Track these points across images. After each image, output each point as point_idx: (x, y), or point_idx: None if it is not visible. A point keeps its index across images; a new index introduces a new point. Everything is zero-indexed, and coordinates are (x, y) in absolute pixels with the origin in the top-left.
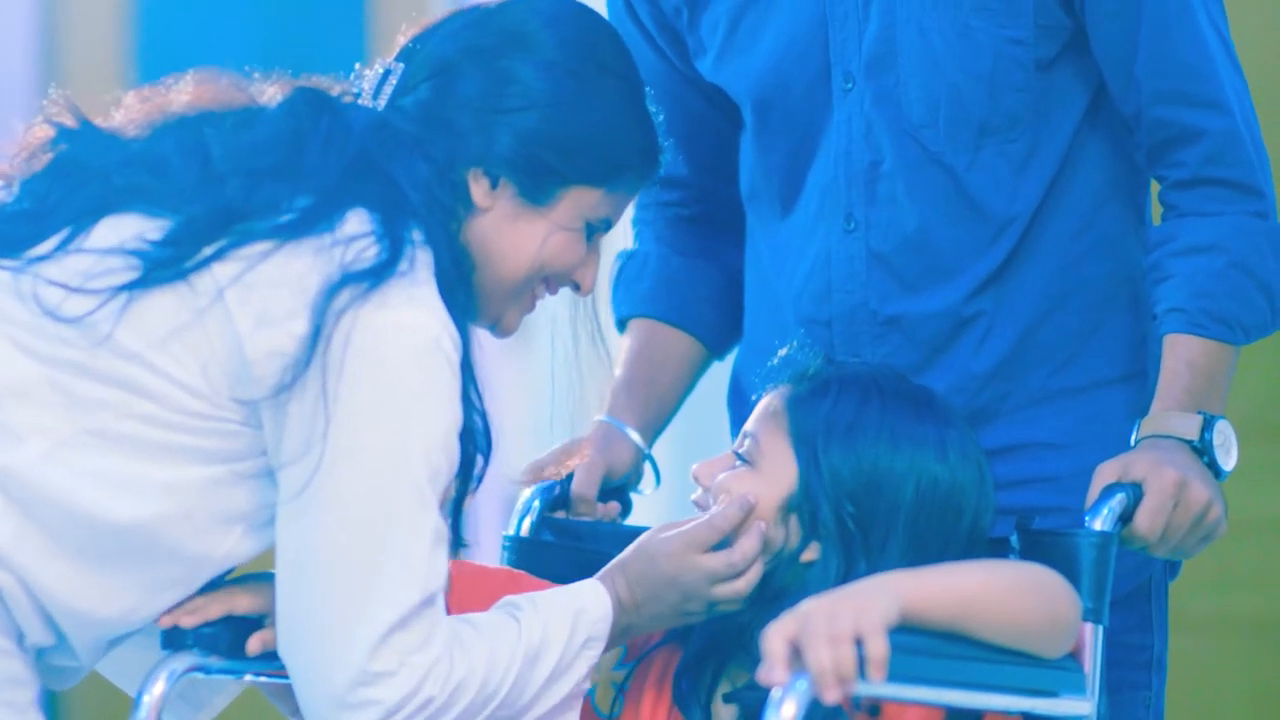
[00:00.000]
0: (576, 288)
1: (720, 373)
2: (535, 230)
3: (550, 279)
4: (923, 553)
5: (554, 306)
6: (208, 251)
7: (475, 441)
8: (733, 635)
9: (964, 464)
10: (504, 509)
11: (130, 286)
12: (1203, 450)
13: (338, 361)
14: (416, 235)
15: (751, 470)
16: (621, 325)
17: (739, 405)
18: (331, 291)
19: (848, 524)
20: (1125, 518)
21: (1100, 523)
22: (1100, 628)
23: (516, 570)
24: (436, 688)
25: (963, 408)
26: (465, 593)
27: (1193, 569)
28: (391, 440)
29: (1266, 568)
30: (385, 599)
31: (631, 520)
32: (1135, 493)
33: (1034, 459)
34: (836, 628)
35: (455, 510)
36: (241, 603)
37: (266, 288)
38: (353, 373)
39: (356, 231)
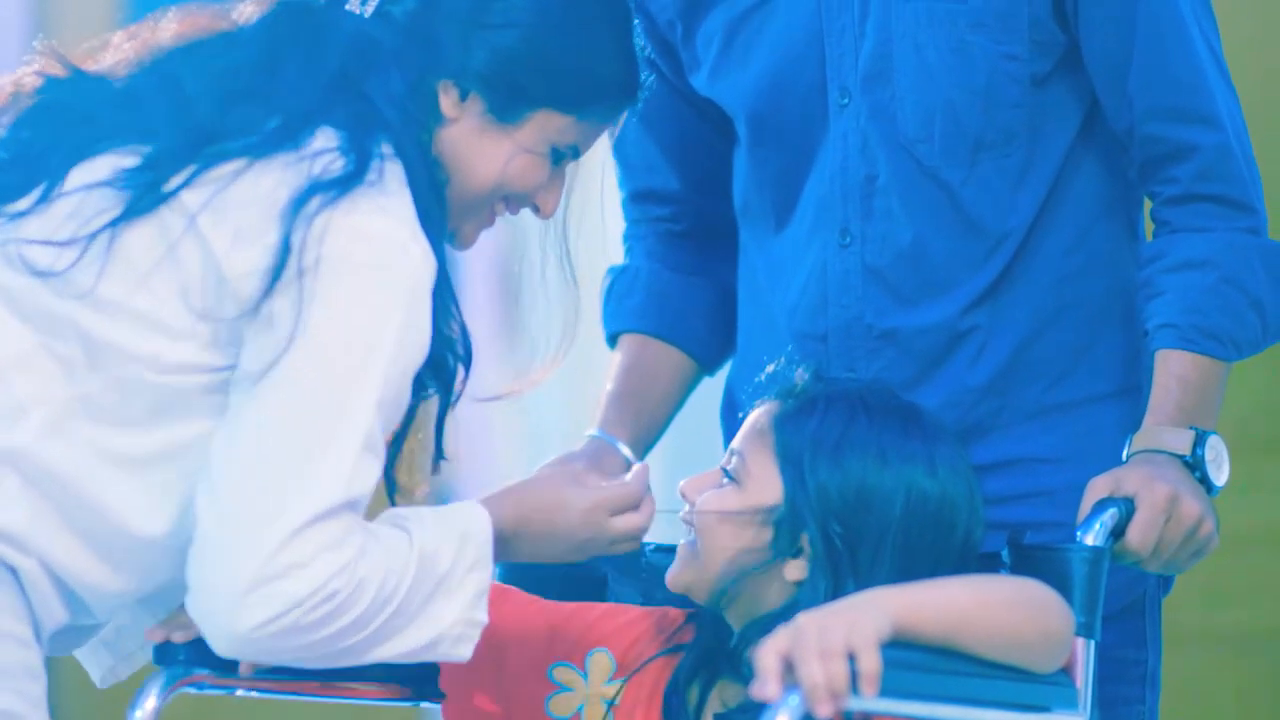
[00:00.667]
0: (537, 210)
1: (713, 387)
2: (500, 148)
3: (511, 199)
4: (913, 569)
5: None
6: (182, 177)
7: (454, 352)
8: (723, 652)
9: (954, 479)
10: None
11: (112, 224)
12: (1195, 465)
13: (311, 263)
14: (386, 149)
15: (737, 488)
16: (612, 340)
17: (731, 420)
18: (300, 201)
19: (835, 543)
20: (1117, 533)
21: (1092, 538)
22: (1092, 642)
23: (505, 585)
24: (342, 583)
25: (957, 422)
26: None
27: (1182, 582)
28: (353, 340)
29: (1255, 581)
30: (312, 490)
31: None
32: (1127, 507)
33: (1028, 474)
34: (828, 642)
35: (439, 426)
36: None
37: (238, 208)
38: (322, 274)
39: (323, 147)
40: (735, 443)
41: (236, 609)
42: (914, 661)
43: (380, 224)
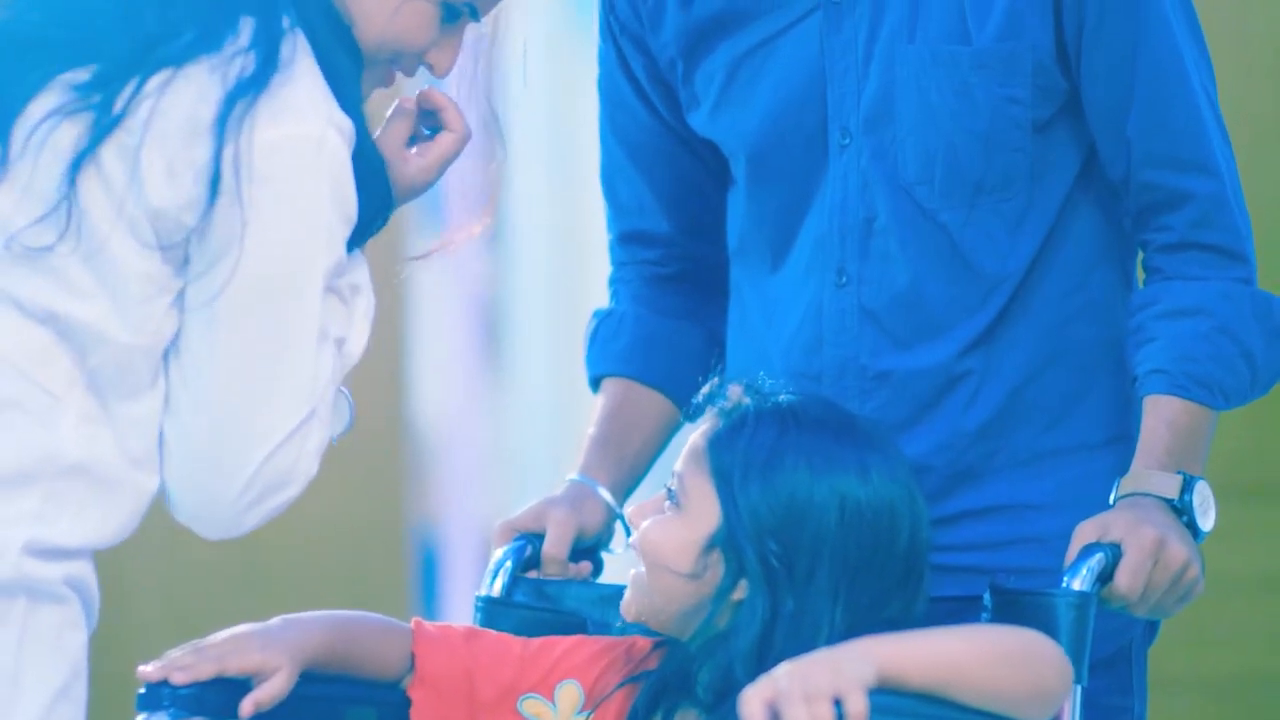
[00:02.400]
0: (431, 69)
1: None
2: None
3: (402, 58)
4: (855, 580)
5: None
6: (126, 95)
7: (377, 188)
8: (679, 678)
9: (889, 483)
10: (478, 567)
11: (74, 165)
12: (1182, 510)
13: (245, 180)
14: (286, 20)
15: (678, 513)
16: (595, 384)
17: None
18: (222, 119)
19: (771, 561)
20: (1104, 578)
21: (1079, 583)
22: (1079, 688)
23: (478, 628)
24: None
25: (949, 465)
26: (426, 655)
27: (1167, 627)
28: (291, 247)
29: (1240, 626)
30: (288, 399)
31: (603, 579)
32: (1114, 553)
33: (1019, 520)
34: (814, 686)
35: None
36: (232, 664)
37: (168, 137)
38: (255, 188)
39: (237, 48)
40: (676, 465)
41: (238, 516)
42: (899, 707)
43: (295, 127)
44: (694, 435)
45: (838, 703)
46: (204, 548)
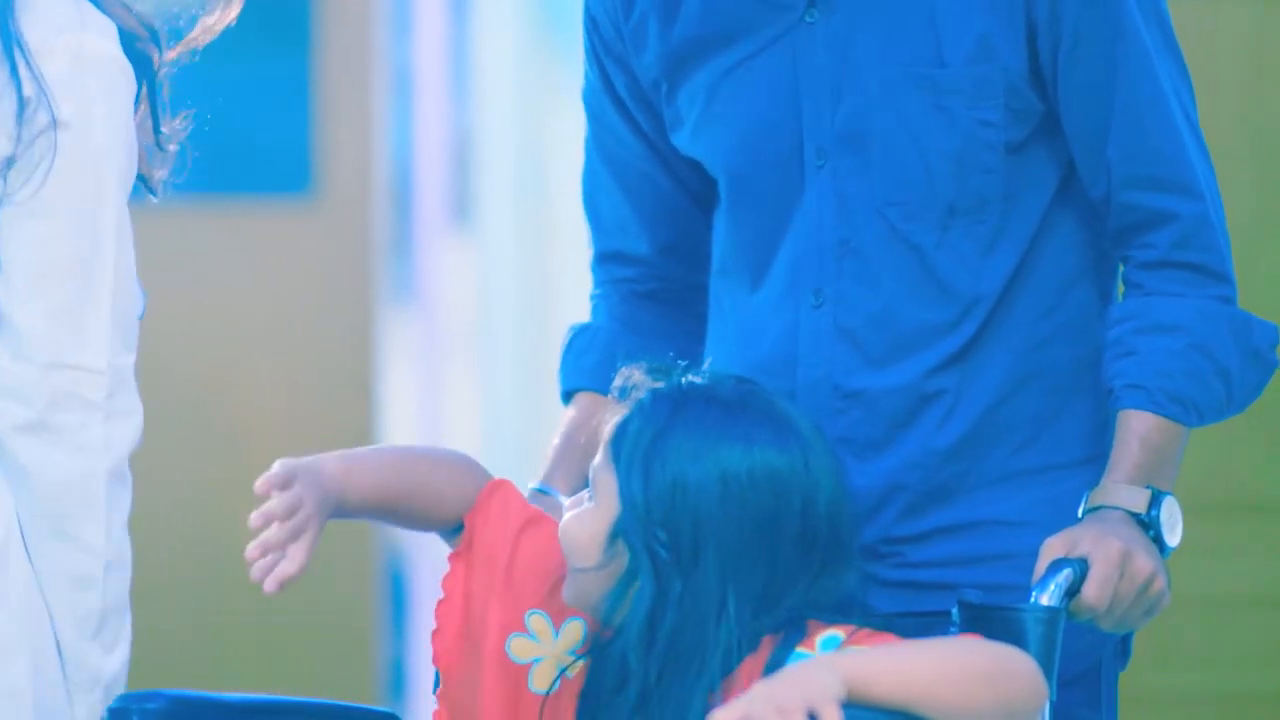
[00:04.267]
0: None
1: None
2: None
3: None
4: (744, 557)
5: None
6: None
7: (149, 43)
8: (616, 662)
9: (776, 453)
10: None
11: None
12: (1149, 524)
13: (43, 93)
14: None
15: (590, 505)
16: (566, 397)
17: None
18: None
19: (656, 548)
20: (1071, 592)
21: (1047, 598)
22: (1048, 703)
23: (538, 514)
24: None
25: (922, 484)
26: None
27: (1136, 645)
28: (99, 144)
29: (1208, 644)
30: (96, 337)
31: None
32: (1082, 567)
33: (990, 536)
34: (784, 701)
35: (153, 105)
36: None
37: None
38: (54, 97)
39: None
40: (596, 456)
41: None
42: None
43: (79, 45)
44: (606, 425)
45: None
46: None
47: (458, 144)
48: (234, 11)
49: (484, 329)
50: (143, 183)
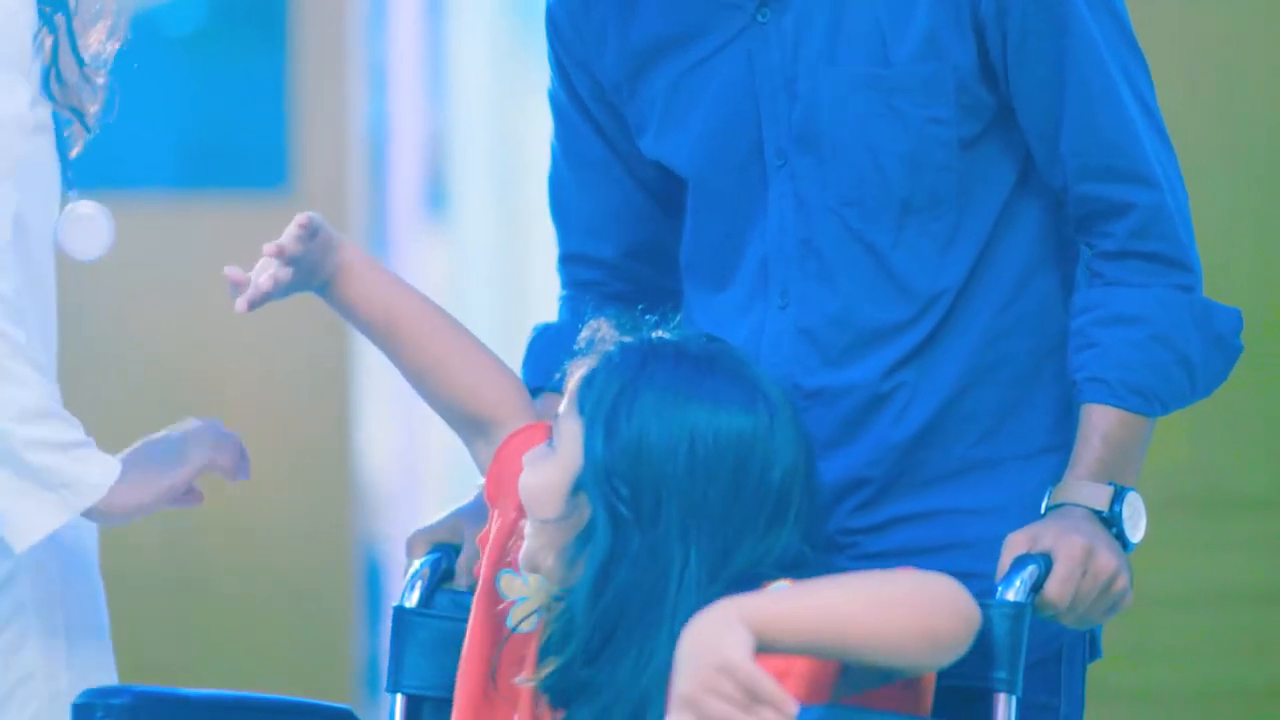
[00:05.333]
0: None
1: None
2: None
3: None
4: (707, 516)
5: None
6: None
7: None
8: (565, 618)
9: (744, 414)
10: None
11: None
12: (1111, 521)
13: None
14: None
15: (553, 456)
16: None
17: None
18: None
19: (616, 503)
20: (1036, 588)
21: (1013, 593)
22: (1014, 698)
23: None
24: None
25: (883, 477)
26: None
27: (1110, 642)
28: None
29: (1182, 640)
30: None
31: None
32: (1047, 563)
33: (950, 525)
34: (710, 680)
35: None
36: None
37: None
38: None
39: None
40: (559, 407)
41: None
42: (836, 717)
43: None
44: (571, 371)
45: None
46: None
47: (433, 139)
48: None
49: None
50: (78, 118)
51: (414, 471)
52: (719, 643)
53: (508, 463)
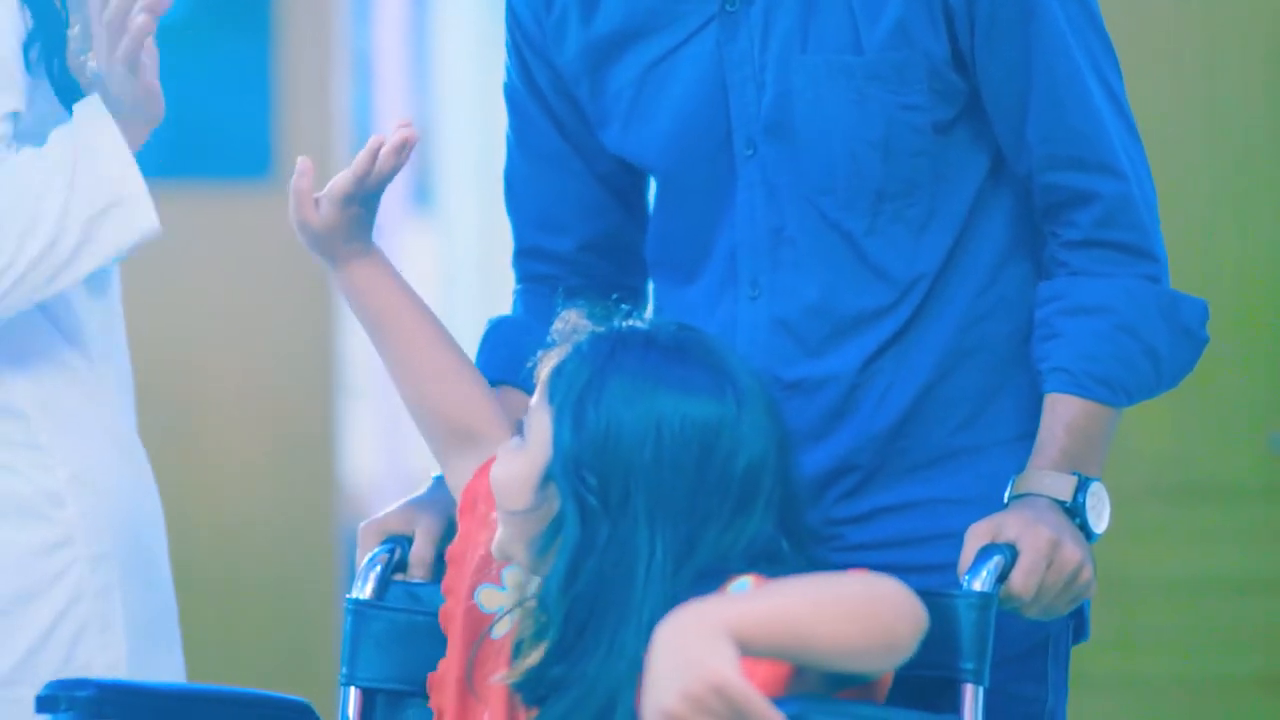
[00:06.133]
0: None
1: None
2: None
3: None
4: (674, 505)
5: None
6: None
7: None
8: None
9: (712, 399)
10: None
11: None
12: (1075, 512)
13: None
14: None
15: (524, 448)
16: None
17: None
18: None
19: (584, 493)
20: (1001, 579)
21: (980, 583)
22: (981, 689)
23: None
24: None
25: (866, 466)
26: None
27: (1095, 629)
28: None
29: (1167, 628)
30: None
31: None
32: (1012, 553)
33: (932, 515)
34: (694, 690)
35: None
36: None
37: None
38: None
39: None
40: (531, 399)
41: None
42: (808, 710)
43: None
44: (543, 368)
45: None
46: None
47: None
48: None
49: (444, 312)
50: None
51: (397, 464)
52: (706, 657)
53: (481, 494)
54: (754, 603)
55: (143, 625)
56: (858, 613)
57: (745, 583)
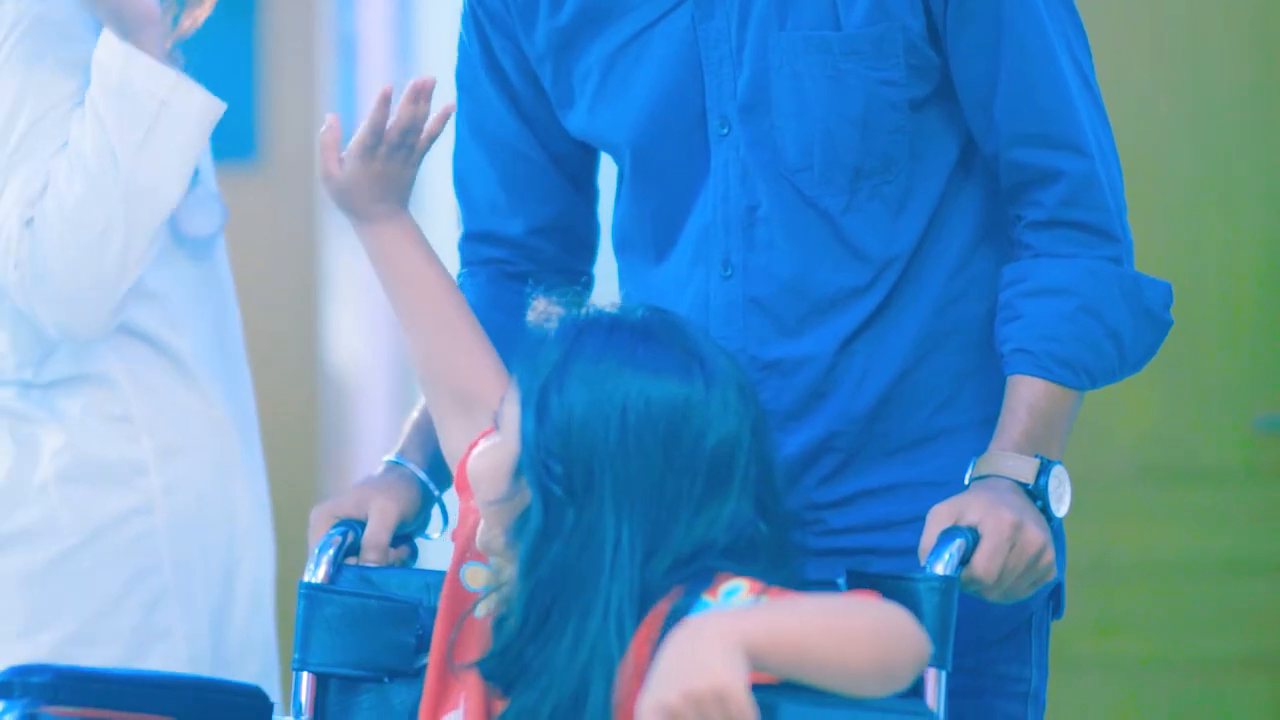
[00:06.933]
0: None
1: None
2: None
3: None
4: (641, 490)
5: None
6: None
7: None
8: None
9: (679, 380)
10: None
11: None
12: (1036, 494)
13: None
14: None
15: (498, 438)
16: None
17: None
18: None
19: (549, 485)
20: (963, 562)
21: (942, 566)
22: (944, 673)
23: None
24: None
25: (845, 449)
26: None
27: (1079, 611)
28: None
29: (1151, 610)
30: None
31: (418, 565)
32: (974, 536)
33: (914, 498)
34: (697, 690)
35: None
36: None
37: None
38: None
39: None
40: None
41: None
42: (780, 690)
43: None
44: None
45: None
46: None
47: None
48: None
49: None
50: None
51: (383, 444)
52: (717, 664)
53: None
54: (772, 621)
55: (228, 627)
56: (869, 643)
57: (739, 586)
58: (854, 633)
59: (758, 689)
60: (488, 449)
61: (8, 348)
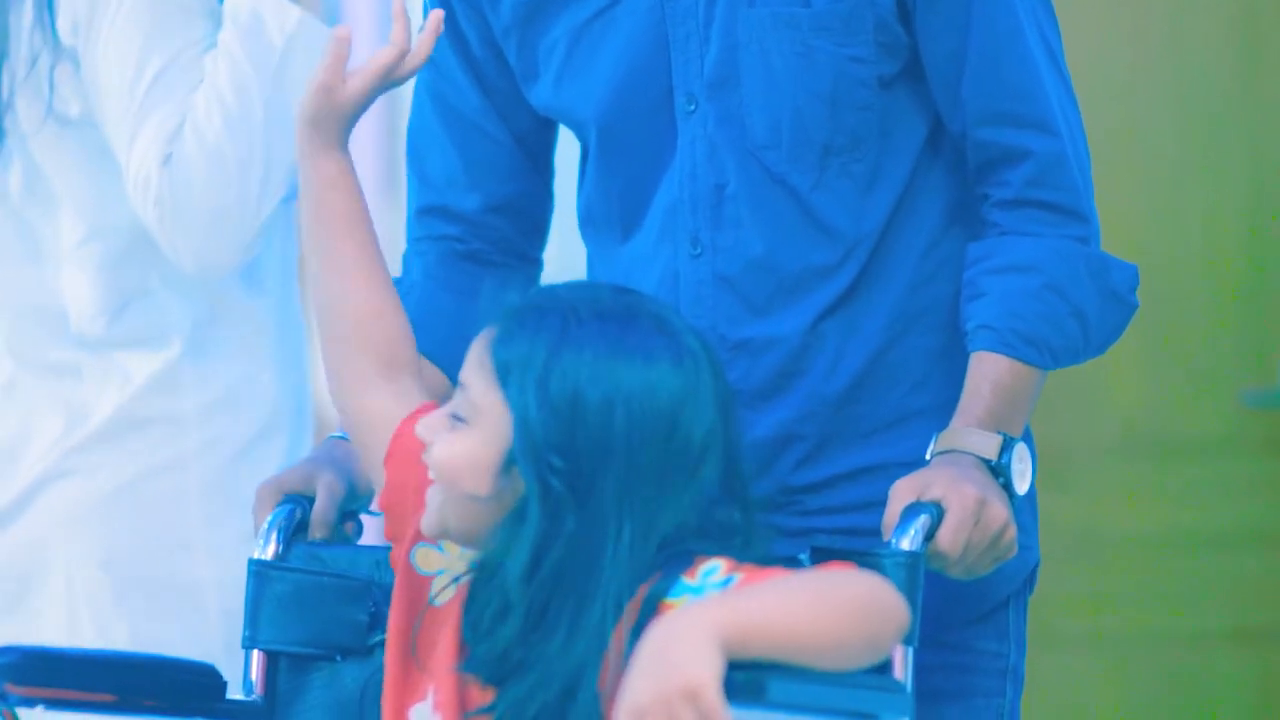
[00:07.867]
0: None
1: None
2: None
3: None
4: (642, 485)
5: None
6: None
7: None
8: (499, 592)
9: (673, 367)
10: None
11: None
12: (998, 471)
13: None
14: None
15: (469, 429)
16: None
17: None
18: None
19: (550, 481)
20: (928, 537)
21: (908, 542)
22: (910, 649)
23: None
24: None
25: (818, 432)
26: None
27: (1066, 585)
28: None
29: (1137, 585)
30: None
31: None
32: (938, 512)
33: (890, 479)
34: (669, 691)
35: None
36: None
37: None
38: None
39: None
40: (462, 375)
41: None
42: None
43: None
44: (475, 342)
45: None
46: None
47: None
48: None
49: None
50: None
51: None
52: (689, 663)
53: (413, 438)
54: (748, 606)
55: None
56: (850, 616)
57: (716, 565)
58: (839, 608)
59: (745, 666)
60: (458, 438)
61: (87, 296)
